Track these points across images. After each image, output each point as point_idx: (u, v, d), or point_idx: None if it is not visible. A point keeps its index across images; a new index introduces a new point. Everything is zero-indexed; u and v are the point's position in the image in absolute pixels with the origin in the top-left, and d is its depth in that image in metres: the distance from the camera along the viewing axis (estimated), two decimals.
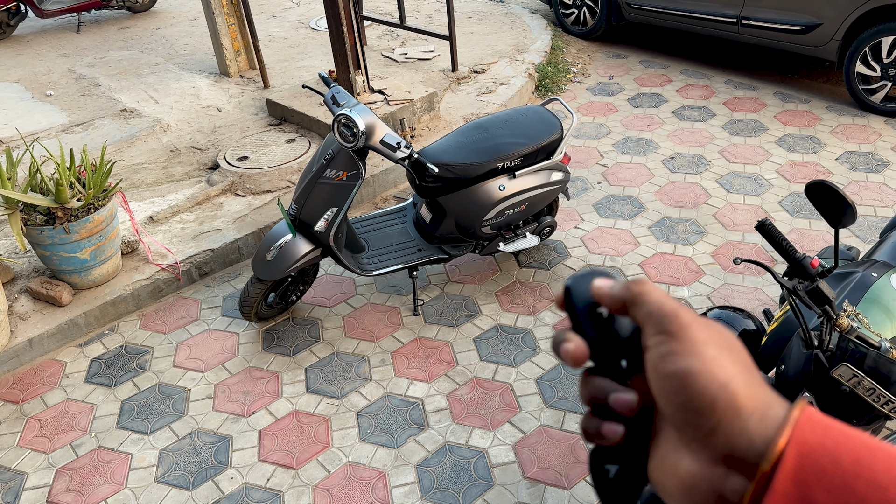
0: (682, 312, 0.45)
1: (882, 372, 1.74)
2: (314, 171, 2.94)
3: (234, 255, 3.78)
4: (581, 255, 3.68)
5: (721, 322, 2.38)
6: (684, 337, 0.43)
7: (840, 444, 0.39)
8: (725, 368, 0.42)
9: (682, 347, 0.43)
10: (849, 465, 0.38)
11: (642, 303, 0.46)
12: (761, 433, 0.41)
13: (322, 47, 6.23)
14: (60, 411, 2.96)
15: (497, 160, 3.08)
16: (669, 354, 0.43)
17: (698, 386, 0.41)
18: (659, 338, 0.44)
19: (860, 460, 0.38)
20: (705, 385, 0.41)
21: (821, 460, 0.38)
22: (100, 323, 3.40)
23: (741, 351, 0.45)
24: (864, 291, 1.99)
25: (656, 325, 0.45)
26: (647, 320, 0.45)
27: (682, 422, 0.43)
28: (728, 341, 0.44)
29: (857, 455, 0.38)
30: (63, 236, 3.18)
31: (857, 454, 0.38)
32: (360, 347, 3.18)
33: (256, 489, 2.57)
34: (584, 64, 6.08)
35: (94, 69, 6.06)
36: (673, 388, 0.43)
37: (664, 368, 0.43)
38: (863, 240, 3.62)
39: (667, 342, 0.44)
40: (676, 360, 0.43)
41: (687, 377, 0.42)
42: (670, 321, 0.44)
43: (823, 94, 5.24)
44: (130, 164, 4.50)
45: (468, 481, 2.54)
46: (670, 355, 0.43)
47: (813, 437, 0.39)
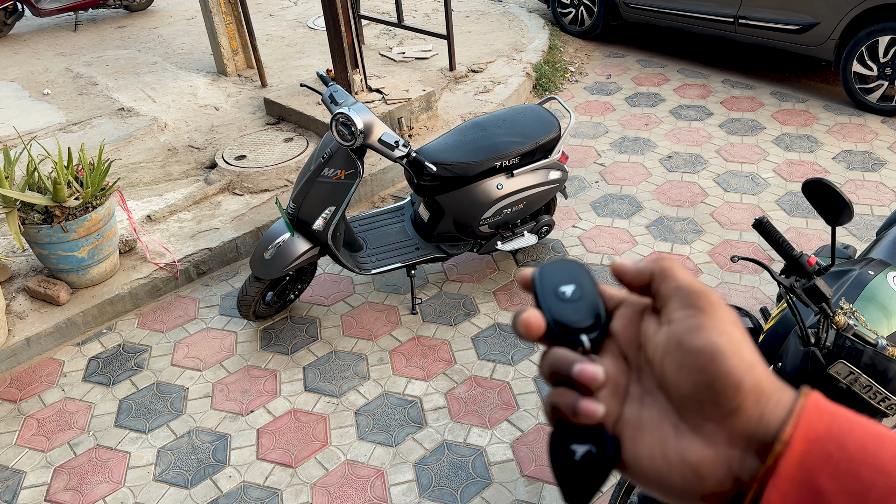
0: (711, 291, 0.44)
1: (879, 369, 1.75)
2: (312, 170, 2.94)
3: (232, 254, 3.78)
4: (578, 253, 3.68)
5: None
6: (714, 315, 0.42)
7: (846, 431, 0.39)
8: (751, 352, 0.42)
9: (713, 324, 0.42)
10: (855, 450, 0.38)
11: (672, 277, 0.45)
12: (777, 416, 0.41)
13: (320, 46, 6.23)
14: (58, 410, 2.96)
15: (495, 159, 3.08)
16: (699, 328, 0.42)
17: (727, 365, 0.41)
18: (688, 311, 0.43)
19: (866, 446, 0.38)
20: (735, 365, 0.41)
21: (827, 446, 0.38)
22: (98, 322, 3.40)
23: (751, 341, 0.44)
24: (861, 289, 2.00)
25: (685, 299, 0.44)
26: (676, 293, 0.44)
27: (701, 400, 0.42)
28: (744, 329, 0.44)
29: (863, 441, 0.38)
30: (61, 235, 3.18)
31: (863, 440, 0.38)
32: (358, 346, 3.19)
33: (255, 487, 2.57)
34: (581, 63, 6.09)
35: (91, 68, 6.05)
36: (699, 365, 0.41)
37: (692, 342, 0.42)
38: (859, 238, 3.63)
39: (696, 316, 0.43)
40: (706, 336, 0.41)
41: (716, 354, 0.41)
42: (700, 296, 0.43)
43: (820, 93, 5.25)
44: (128, 163, 4.50)
45: (466, 479, 2.55)
46: (700, 329, 0.42)
47: (819, 423, 0.39)
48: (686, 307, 0.43)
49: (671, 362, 0.43)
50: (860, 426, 0.39)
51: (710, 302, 0.43)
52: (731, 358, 0.41)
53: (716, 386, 0.41)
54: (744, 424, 0.41)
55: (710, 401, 0.41)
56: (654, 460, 0.44)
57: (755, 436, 0.41)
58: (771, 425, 0.40)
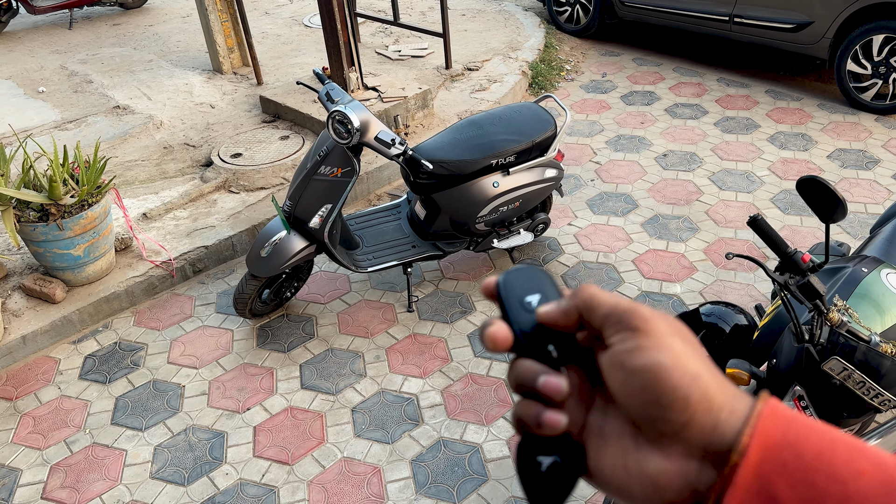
0: (640, 307, 0.43)
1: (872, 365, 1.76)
2: (308, 168, 2.94)
3: (228, 252, 3.78)
4: (574, 251, 3.70)
5: (713, 317, 2.40)
6: (650, 331, 0.42)
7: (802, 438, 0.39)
8: (695, 361, 0.41)
9: (650, 342, 0.41)
10: (810, 458, 0.38)
11: (596, 305, 0.44)
12: (732, 425, 0.40)
13: (315, 44, 6.22)
14: (54, 408, 2.96)
15: (491, 157, 3.09)
16: (637, 349, 0.41)
17: (671, 380, 0.40)
18: (623, 334, 0.43)
19: (822, 453, 0.38)
20: (678, 378, 0.40)
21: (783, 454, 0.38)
22: (94, 320, 3.40)
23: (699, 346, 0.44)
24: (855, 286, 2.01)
25: (617, 322, 0.43)
26: (606, 321, 0.44)
27: (652, 418, 0.42)
28: (686, 334, 0.43)
29: (819, 448, 0.38)
30: (56, 233, 3.17)
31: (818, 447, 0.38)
32: (354, 344, 3.19)
33: (251, 485, 2.58)
34: (577, 62, 6.10)
35: (86, 66, 6.03)
36: (643, 384, 0.41)
37: (632, 363, 0.41)
38: (853, 236, 3.65)
39: (632, 337, 0.42)
40: (645, 355, 0.41)
41: (658, 372, 0.41)
42: (631, 316, 0.43)
43: (815, 91, 5.27)
44: (123, 161, 4.49)
45: (463, 476, 2.55)
46: (638, 350, 0.41)
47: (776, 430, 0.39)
48: (620, 330, 0.43)
49: (617, 384, 0.43)
50: (816, 433, 0.39)
51: (643, 318, 0.43)
52: (673, 372, 0.40)
53: (663, 402, 0.41)
54: (697, 436, 0.41)
55: (660, 417, 0.41)
56: (616, 470, 0.44)
57: (710, 447, 0.40)
58: (726, 435, 0.40)
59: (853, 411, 1.88)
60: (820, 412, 1.91)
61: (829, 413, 1.90)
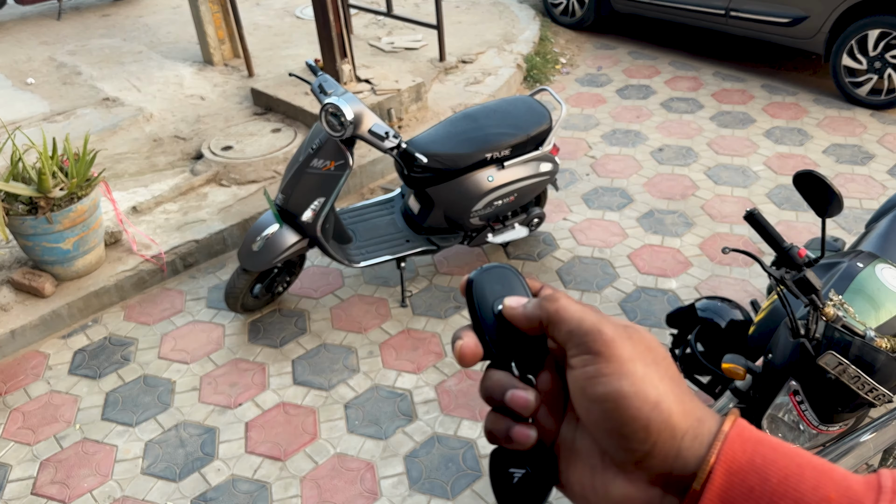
0: (604, 328, 0.42)
1: (866, 360, 1.77)
2: (301, 161, 2.91)
3: (219, 246, 3.75)
4: (569, 246, 3.68)
5: (709, 312, 2.39)
6: (611, 356, 0.41)
7: (769, 462, 0.38)
8: (656, 386, 0.40)
9: (610, 368, 0.40)
10: (776, 483, 0.37)
11: (561, 321, 0.43)
12: (695, 452, 0.39)
13: (308, 36, 6.17)
14: (44, 403, 2.93)
15: (486, 150, 3.06)
16: (597, 376, 0.41)
17: (631, 409, 0.39)
18: (584, 358, 0.41)
19: (788, 478, 0.37)
20: (638, 407, 0.39)
21: (748, 478, 0.38)
22: (83, 314, 3.36)
23: (667, 361, 0.42)
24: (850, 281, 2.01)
25: (579, 344, 0.42)
26: (569, 340, 0.43)
27: (614, 445, 0.41)
28: (654, 353, 0.42)
29: (785, 472, 0.37)
30: (46, 226, 3.13)
31: (785, 471, 0.38)
32: (347, 339, 3.17)
33: (244, 481, 2.55)
34: (572, 55, 6.07)
35: (75, 57, 5.96)
36: (604, 413, 0.40)
37: (593, 392, 0.41)
38: (848, 231, 3.64)
39: (593, 362, 0.41)
40: (606, 383, 0.40)
41: (619, 400, 0.40)
42: (594, 339, 0.41)
43: (810, 86, 5.26)
44: (113, 154, 4.44)
45: (457, 472, 2.54)
46: (598, 377, 0.40)
47: (742, 454, 0.38)
48: (582, 353, 0.42)
49: (581, 409, 0.42)
50: (783, 456, 0.38)
51: (605, 342, 0.41)
52: (633, 401, 0.39)
53: (624, 432, 0.40)
54: (660, 464, 0.40)
55: (621, 447, 0.40)
56: (584, 489, 0.43)
57: (673, 474, 0.40)
58: (688, 462, 0.39)
59: (848, 406, 1.88)
60: (815, 407, 1.91)
61: (824, 408, 1.90)
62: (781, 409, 1.98)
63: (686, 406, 0.41)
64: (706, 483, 0.38)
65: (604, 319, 0.43)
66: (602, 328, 0.42)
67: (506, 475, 0.45)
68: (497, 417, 0.45)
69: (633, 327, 0.43)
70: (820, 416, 1.92)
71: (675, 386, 0.41)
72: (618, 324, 0.43)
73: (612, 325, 0.42)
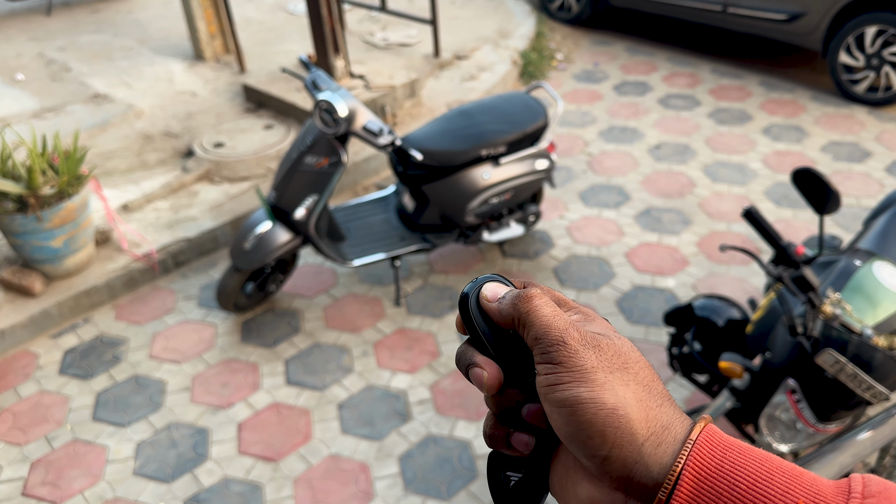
0: (568, 338, 0.42)
1: (864, 358, 1.77)
2: (294, 158, 2.87)
3: (211, 245, 3.70)
4: (566, 244, 3.65)
5: (707, 311, 2.37)
6: (573, 365, 0.42)
7: (738, 467, 0.38)
8: (616, 393, 0.41)
9: (571, 376, 0.41)
10: (745, 488, 0.38)
11: (529, 325, 0.44)
12: (657, 458, 0.40)
13: (300, 31, 6.12)
14: (34, 403, 2.88)
15: (481, 147, 3.03)
16: (558, 384, 0.42)
17: (587, 414, 0.40)
18: (547, 366, 0.42)
19: (757, 483, 0.38)
20: (593, 413, 0.40)
21: (717, 484, 0.38)
22: (73, 313, 3.31)
23: (640, 367, 0.43)
24: (848, 279, 2.00)
25: (544, 353, 0.43)
26: (535, 345, 0.44)
27: (575, 450, 0.42)
28: (623, 360, 0.43)
29: (754, 478, 0.38)
30: (35, 224, 3.09)
31: (754, 476, 0.38)
32: (341, 339, 3.13)
33: (236, 482, 2.52)
34: (568, 51, 6.03)
35: (64, 53, 5.89)
36: (563, 417, 0.41)
37: (553, 398, 0.42)
38: (846, 229, 3.63)
39: (554, 371, 0.42)
40: (563, 390, 0.41)
41: (575, 406, 0.41)
42: (557, 349, 0.42)
43: (808, 83, 5.24)
44: (103, 151, 4.39)
45: (452, 472, 2.51)
46: (558, 385, 0.42)
47: (711, 459, 0.39)
48: (546, 361, 0.43)
49: (546, 412, 0.43)
50: (753, 461, 0.39)
51: (568, 353, 0.42)
52: (589, 406, 0.40)
53: (580, 437, 0.41)
54: (620, 468, 0.40)
55: (580, 452, 0.41)
56: (563, 489, 0.45)
57: (633, 480, 0.40)
58: (651, 469, 0.40)
59: (845, 404, 1.87)
60: (813, 405, 1.89)
61: (821, 406, 1.89)
62: (779, 407, 1.96)
63: (650, 413, 0.41)
64: (675, 488, 0.39)
65: (571, 328, 0.43)
66: (566, 339, 0.42)
67: (503, 479, 0.47)
68: (496, 425, 0.46)
69: (606, 336, 0.44)
70: (818, 415, 1.90)
71: (643, 392, 0.42)
72: (587, 332, 0.43)
73: (578, 335, 0.43)
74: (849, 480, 0.38)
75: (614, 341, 0.43)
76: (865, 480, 0.38)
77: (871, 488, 0.37)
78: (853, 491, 0.37)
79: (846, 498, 0.37)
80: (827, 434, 1.93)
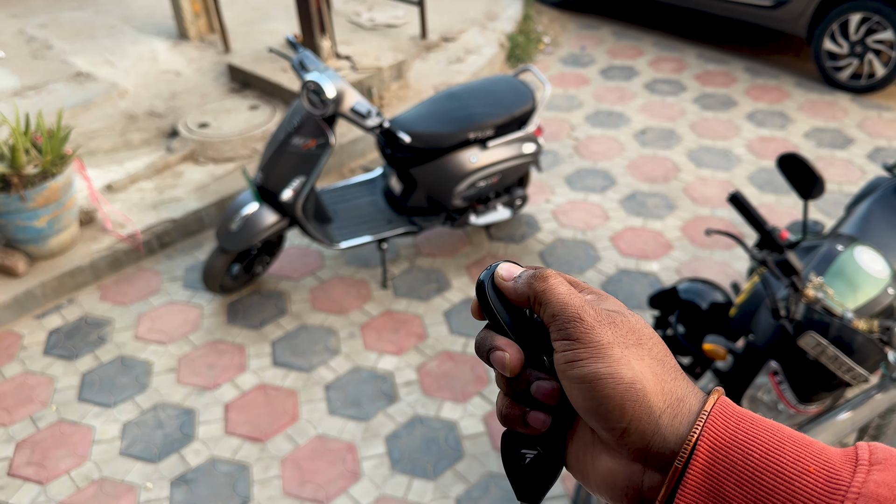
0: (585, 315, 0.44)
1: (845, 340, 1.80)
2: (281, 139, 2.86)
3: (196, 226, 3.68)
4: (552, 228, 3.67)
5: (690, 294, 2.40)
6: (590, 341, 0.43)
7: (751, 436, 0.40)
8: (632, 368, 0.42)
9: (588, 352, 0.42)
10: (758, 457, 0.39)
11: (545, 303, 0.45)
12: (675, 429, 0.41)
13: (286, 10, 6.04)
14: (19, 384, 2.87)
15: (469, 130, 3.03)
16: (576, 360, 0.43)
17: (606, 389, 0.41)
18: (565, 343, 0.43)
19: (769, 452, 0.39)
20: (612, 387, 0.41)
21: (731, 453, 0.39)
22: (57, 294, 3.29)
23: (653, 342, 0.44)
24: (830, 264, 2.03)
25: (561, 329, 0.44)
26: (552, 323, 0.45)
27: (595, 424, 0.43)
28: (637, 336, 0.44)
29: (766, 447, 0.39)
30: (19, 204, 3.05)
31: (766, 446, 0.39)
32: (328, 320, 3.14)
33: (224, 462, 2.53)
34: (555, 34, 6.02)
35: (46, 30, 5.78)
36: (583, 393, 0.42)
37: (571, 374, 0.43)
38: (828, 215, 3.68)
39: (572, 347, 0.43)
40: (581, 366, 0.42)
41: (594, 381, 0.42)
42: (574, 326, 0.43)
43: (792, 69, 5.28)
44: (86, 131, 4.33)
45: (438, 453, 2.54)
46: (577, 361, 0.43)
47: (725, 430, 0.40)
48: (563, 337, 0.44)
49: (565, 388, 0.44)
50: (765, 431, 0.40)
51: (584, 329, 0.43)
52: (608, 381, 0.41)
53: (600, 411, 0.42)
54: (638, 440, 0.42)
55: (600, 425, 0.43)
56: (579, 463, 0.46)
57: (651, 451, 0.42)
58: (668, 439, 0.41)
59: (826, 386, 1.91)
60: (794, 387, 1.93)
61: (803, 388, 1.93)
62: (761, 389, 2.00)
63: (666, 386, 0.42)
64: (690, 458, 0.40)
65: (587, 305, 0.44)
66: (583, 315, 0.44)
67: (518, 456, 0.47)
68: (512, 403, 0.47)
69: (620, 313, 0.45)
70: (799, 396, 1.94)
71: (658, 366, 0.43)
72: (601, 310, 0.44)
73: (593, 312, 0.44)
74: (855, 449, 0.40)
75: (628, 318, 0.45)
76: (871, 448, 0.39)
77: (877, 455, 0.39)
78: (860, 458, 0.39)
79: (854, 465, 0.38)
80: (807, 415, 1.98)
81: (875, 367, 1.81)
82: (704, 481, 0.39)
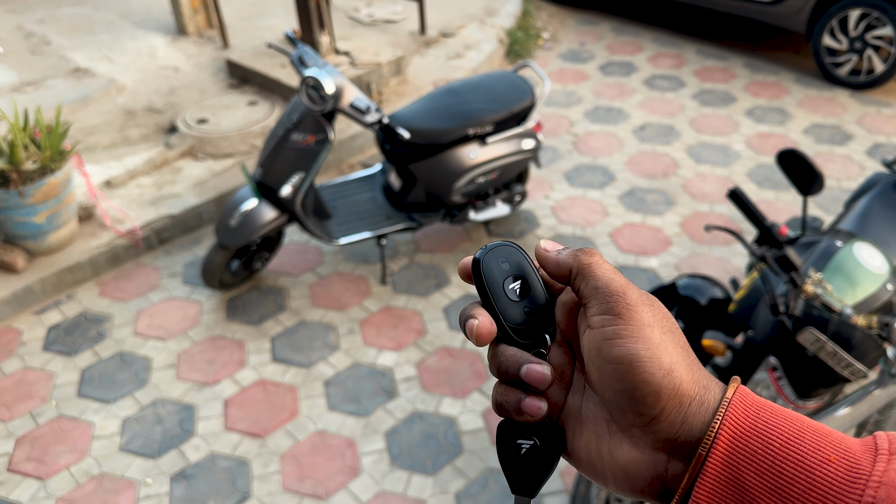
0: (629, 291, 0.43)
1: (844, 336, 1.80)
2: (280, 135, 2.85)
3: (195, 222, 3.68)
4: (551, 224, 3.67)
5: (689, 290, 2.41)
6: (631, 319, 0.42)
7: (771, 426, 0.40)
8: (670, 354, 0.42)
9: (629, 331, 0.42)
10: (778, 446, 0.39)
11: (590, 276, 0.44)
12: (700, 418, 0.41)
13: (284, 6, 6.03)
14: (18, 380, 2.87)
15: (468, 126, 3.03)
16: (616, 337, 0.42)
17: (645, 374, 0.41)
18: (605, 318, 0.42)
19: (789, 441, 0.39)
20: (652, 373, 0.41)
21: (752, 442, 0.39)
22: (56, 290, 3.29)
23: (679, 332, 0.44)
24: (829, 259, 2.04)
25: (603, 303, 0.43)
26: (594, 296, 0.43)
27: (623, 408, 0.42)
28: (670, 323, 0.43)
29: (786, 436, 0.39)
30: (18, 200, 3.04)
31: (786, 435, 0.39)
32: (327, 316, 3.14)
33: (223, 457, 2.53)
34: (554, 30, 6.01)
35: (44, 26, 5.76)
36: (618, 374, 0.41)
37: (610, 353, 0.42)
38: (827, 211, 3.68)
39: (613, 323, 0.42)
40: (623, 345, 0.41)
41: (634, 363, 0.41)
42: (617, 300, 0.42)
43: (791, 65, 5.28)
44: (85, 126, 4.32)
45: (437, 448, 2.54)
46: (617, 338, 0.42)
47: (745, 419, 0.40)
48: (604, 312, 0.43)
49: (594, 369, 0.43)
50: (784, 420, 0.40)
51: (628, 305, 0.42)
52: (647, 365, 0.41)
53: (635, 395, 0.41)
54: (667, 430, 0.41)
55: (631, 410, 0.42)
56: (590, 455, 0.45)
57: (678, 440, 0.41)
58: (693, 429, 0.41)
59: (825, 382, 1.91)
60: (793, 383, 1.94)
61: (801, 383, 1.93)
62: (760, 384, 2.01)
63: (694, 375, 0.42)
64: (711, 447, 0.39)
65: (630, 285, 0.44)
66: (627, 291, 0.43)
67: (513, 446, 0.46)
68: (507, 390, 0.45)
69: (653, 297, 0.44)
70: (798, 392, 1.95)
71: (686, 355, 0.43)
72: (643, 292, 0.44)
73: (636, 292, 0.43)
74: (874, 438, 0.39)
75: (661, 305, 0.44)
76: (891, 438, 0.39)
77: None
78: (880, 448, 0.38)
79: (874, 454, 0.38)
80: (806, 410, 1.98)
81: (874, 363, 1.82)
82: (724, 470, 0.39)
